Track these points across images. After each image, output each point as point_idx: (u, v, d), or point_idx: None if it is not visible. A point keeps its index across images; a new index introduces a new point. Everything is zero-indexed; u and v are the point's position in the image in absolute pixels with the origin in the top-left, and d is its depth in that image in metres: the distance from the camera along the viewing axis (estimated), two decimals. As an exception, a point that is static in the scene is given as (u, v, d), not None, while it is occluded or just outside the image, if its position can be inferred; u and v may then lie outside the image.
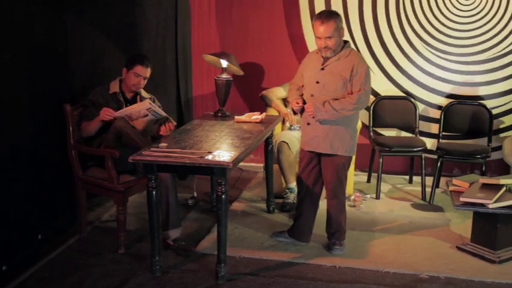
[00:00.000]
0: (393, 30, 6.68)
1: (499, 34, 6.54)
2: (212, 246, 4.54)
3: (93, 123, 4.66)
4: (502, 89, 6.63)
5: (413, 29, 6.65)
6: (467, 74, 6.66)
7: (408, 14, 6.63)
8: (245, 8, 6.91)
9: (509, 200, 4.53)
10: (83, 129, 4.72)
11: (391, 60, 6.76)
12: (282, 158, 5.64)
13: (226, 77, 5.44)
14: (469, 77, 6.66)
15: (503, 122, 6.69)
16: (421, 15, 6.62)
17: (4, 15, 4.07)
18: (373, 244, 4.91)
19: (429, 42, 6.65)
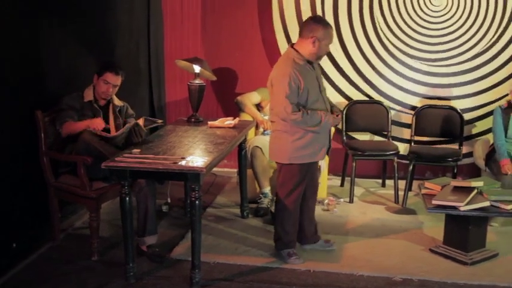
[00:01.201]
0: (368, 35, 6.74)
1: (469, 40, 6.64)
2: (186, 252, 4.53)
3: (80, 125, 4.60)
4: (473, 90, 6.72)
5: (385, 35, 6.71)
6: (439, 76, 6.75)
7: (380, 19, 6.69)
8: (217, 13, 6.91)
9: (481, 203, 4.59)
10: (65, 127, 4.63)
11: (366, 64, 6.81)
12: (256, 163, 5.65)
13: (199, 82, 5.44)
14: (441, 80, 6.74)
15: (474, 126, 6.77)
16: (391, 20, 6.68)
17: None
18: (347, 248, 4.94)
19: (401, 47, 6.72)
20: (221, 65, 6.91)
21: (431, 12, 6.64)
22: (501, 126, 5.61)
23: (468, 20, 6.60)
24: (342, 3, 6.72)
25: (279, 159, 4.57)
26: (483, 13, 6.56)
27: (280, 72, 4.38)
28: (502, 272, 4.54)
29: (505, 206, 4.58)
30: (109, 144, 4.60)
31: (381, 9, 6.69)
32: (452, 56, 6.68)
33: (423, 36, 6.68)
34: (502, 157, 5.52)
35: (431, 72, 6.74)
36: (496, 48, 6.61)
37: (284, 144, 4.48)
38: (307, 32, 4.38)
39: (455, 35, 6.63)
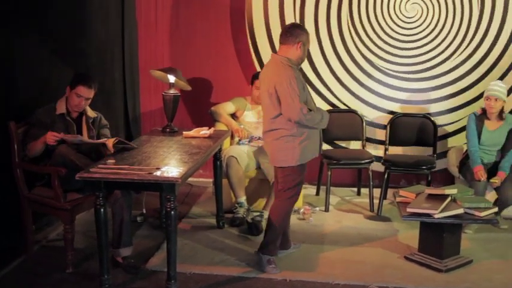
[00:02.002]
0: (347, 45, 6.76)
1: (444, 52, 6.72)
2: (162, 263, 4.50)
3: (39, 143, 4.57)
4: (447, 100, 6.80)
5: (359, 45, 6.76)
6: (414, 85, 6.82)
7: (357, 30, 6.74)
8: (192, 23, 6.91)
9: (455, 210, 4.63)
10: (29, 149, 4.62)
11: (345, 71, 6.85)
12: (231, 172, 5.65)
13: (173, 92, 5.43)
14: (416, 88, 6.81)
15: (449, 133, 6.84)
16: (370, 30, 6.73)
17: None
18: (323, 256, 4.95)
19: (374, 59, 6.78)
20: (196, 75, 6.91)
21: (404, 24, 6.71)
22: (475, 132, 5.67)
23: (437, 27, 6.68)
24: (309, 14, 6.76)
25: (287, 163, 4.61)
26: (457, 26, 6.64)
27: (284, 77, 4.46)
28: (476, 278, 4.58)
29: (478, 213, 4.64)
30: (85, 157, 4.58)
31: (360, 23, 6.74)
32: (425, 61, 6.75)
33: (396, 49, 6.75)
34: (476, 164, 5.57)
35: (405, 78, 6.80)
36: (465, 52, 6.68)
37: (292, 147, 4.56)
38: (293, 38, 4.54)
39: (427, 42, 6.70)
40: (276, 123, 4.56)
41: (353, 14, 6.72)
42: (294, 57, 4.56)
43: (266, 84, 4.56)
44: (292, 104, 4.42)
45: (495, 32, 6.60)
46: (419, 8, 6.67)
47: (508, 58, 6.62)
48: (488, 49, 6.64)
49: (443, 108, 6.80)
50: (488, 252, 5.12)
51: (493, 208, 4.77)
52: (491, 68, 6.65)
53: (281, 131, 4.55)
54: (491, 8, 6.56)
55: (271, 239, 4.70)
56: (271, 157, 4.74)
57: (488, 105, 5.63)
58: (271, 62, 4.69)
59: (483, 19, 6.60)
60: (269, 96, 4.51)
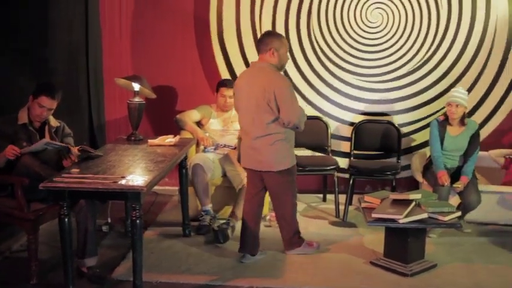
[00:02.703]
0: (305, 53, 6.82)
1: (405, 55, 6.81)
2: (128, 273, 4.47)
3: (1, 157, 4.51)
4: (410, 105, 6.88)
5: (323, 51, 6.81)
6: (377, 92, 6.88)
7: (318, 35, 6.79)
8: (156, 31, 6.89)
9: (419, 215, 4.68)
10: None
11: (304, 81, 6.89)
12: (197, 180, 5.63)
13: (138, 100, 5.41)
14: (378, 95, 6.88)
15: (413, 140, 6.92)
16: (329, 37, 6.79)
17: None
18: (289, 263, 4.96)
19: (339, 63, 6.83)
20: (161, 83, 6.88)
21: (368, 28, 6.78)
22: (437, 138, 5.74)
23: (403, 36, 6.77)
24: (280, 22, 6.80)
25: (285, 166, 4.86)
26: (417, 29, 6.73)
27: (281, 83, 4.71)
28: (441, 282, 4.63)
29: (442, 217, 4.70)
30: (50, 168, 4.53)
31: (321, 27, 6.80)
32: (389, 71, 6.83)
33: (360, 52, 6.81)
34: (439, 169, 5.64)
35: (369, 88, 6.87)
36: (430, 64, 6.78)
37: (287, 150, 4.86)
38: (263, 46, 4.76)
39: (391, 51, 6.78)
40: (271, 128, 4.72)
41: (311, 24, 6.78)
42: (273, 63, 4.75)
43: (260, 90, 4.66)
44: (292, 108, 4.68)
45: (461, 44, 6.73)
46: (383, 14, 6.74)
47: (476, 67, 6.76)
48: (455, 59, 6.76)
49: (405, 115, 6.91)
50: (452, 256, 5.19)
51: (456, 212, 4.83)
52: (460, 77, 6.77)
53: (276, 135, 4.75)
54: (447, 15, 6.68)
55: (290, 235, 5.11)
56: (264, 163, 4.84)
57: (450, 111, 5.70)
58: (254, 69, 4.86)
59: (440, 24, 6.72)
60: (267, 101, 4.63)
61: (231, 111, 6.10)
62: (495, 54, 6.73)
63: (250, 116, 4.78)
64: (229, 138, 6.06)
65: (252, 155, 4.88)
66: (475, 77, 6.76)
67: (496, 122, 6.88)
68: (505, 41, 6.69)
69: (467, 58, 6.75)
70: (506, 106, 6.84)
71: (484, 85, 6.80)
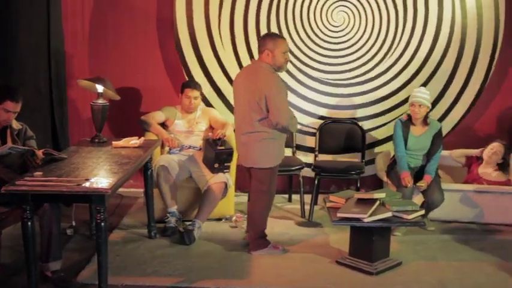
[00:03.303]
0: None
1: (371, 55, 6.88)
2: (93, 276, 4.42)
3: None
4: (374, 106, 6.97)
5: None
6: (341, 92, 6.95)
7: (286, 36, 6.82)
8: (119, 32, 6.84)
9: (383, 213, 4.73)
10: None
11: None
12: (162, 182, 5.60)
13: (102, 102, 5.36)
14: (343, 95, 6.95)
15: (376, 139, 6.99)
16: (296, 38, 6.82)
17: None
18: (255, 263, 4.96)
19: (302, 68, 6.87)
20: (125, 85, 6.83)
21: (331, 33, 6.83)
22: (401, 138, 5.80)
23: (363, 36, 6.85)
24: (238, 22, 6.81)
25: (268, 164, 5.04)
26: (383, 33, 6.83)
27: (273, 84, 4.86)
28: (406, 280, 4.68)
29: (406, 216, 4.74)
30: (12, 172, 4.46)
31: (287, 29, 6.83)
32: (354, 76, 6.92)
33: (324, 57, 6.87)
34: (403, 170, 5.70)
35: (334, 88, 6.93)
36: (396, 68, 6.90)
37: (272, 149, 5.01)
38: (260, 47, 4.97)
39: (356, 55, 6.87)
40: (258, 126, 4.91)
41: (280, 22, 6.81)
42: (270, 63, 4.93)
43: (252, 88, 4.88)
44: (282, 110, 4.83)
45: (417, 42, 6.83)
46: (346, 16, 6.80)
47: (431, 64, 6.86)
48: (411, 57, 6.88)
49: (369, 113, 7.00)
50: (417, 254, 5.25)
51: (420, 211, 4.89)
52: (415, 74, 6.88)
53: (262, 133, 4.92)
54: (413, 17, 6.77)
55: (257, 236, 5.15)
56: (249, 159, 5.07)
57: (413, 111, 5.77)
58: (251, 68, 5.10)
59: (406, 28, 6.82)
60: (257, 100, 4.83)
61: (195, 113, 6.08)
62: (459, 55, 6.86)
63: (242, 113, 5.01)
64: (194, 139, 6.04)
65: (241, 151, 5.15)
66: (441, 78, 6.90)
67: (456, 121, 6.99)
68: (474, 43, 6.82)
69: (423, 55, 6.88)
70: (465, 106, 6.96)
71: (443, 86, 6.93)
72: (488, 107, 7.00)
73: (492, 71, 6.87)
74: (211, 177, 5.62)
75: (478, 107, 6.97)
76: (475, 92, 6.92)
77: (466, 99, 6.94)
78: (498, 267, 4.99)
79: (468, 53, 6.85)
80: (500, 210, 6.02)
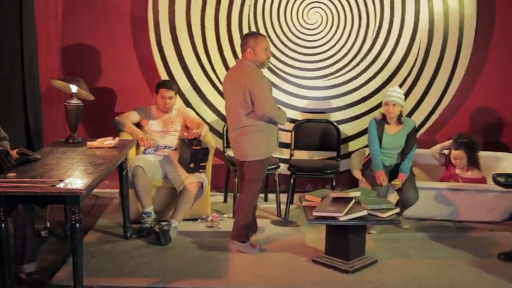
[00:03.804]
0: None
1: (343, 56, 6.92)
2: (68, 277, 4.39)
3: None
4: (348, 102, 7.03)
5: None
6: (317, 90, 6.98)
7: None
8: (93, 32, 6.79)
9: (359, 212, 4.75)
10: None
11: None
12: (137, 182, 5.58)
13: (76, 102, 5.32)
14: (319, 94, 6.98)
15: (351, 138, 7.03)
16: (274, 37, 6.84)
17: None
18: (232, 263, 4.96)
19: (278, 66, 6.88)
20: (99, 85, 6.80)
21: (306, 30, 6.86)
22: (376, 137, 5.84)
23: (335, 35, 6.90)
24: (209, 21, 6.83)
25: (256, 157, 5.19)
26: (355, 30, 6.88)
27: (257, 79, 5.06)
28: (382, 277, 4.71)
29: (381, 214, 4.78)
30: None
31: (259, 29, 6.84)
32: (329, 74, 6.96)
33: (299, 54, 6.89)
34: (377, 169, 5.74)
35: (310, 87, 6.97)
36: (368, 60, 6.97)
37: (260, 142, 5.17)
38: (242, 46, 5.18)
39: (330, 53, 6.90)
40: (246, 121, 5.09)
41: (258, 21, 6.83)
42: (252, 60, 5.13)
43: (237, 85, 5.08)
44: (266, 102, 5.00)
45: (393, 43, 6.92)
46: (320, 16, 6.83)
47: (407, 66, 6.94)
48: (388, 58, 6.98)
49: (344, 113, 7.06)
50: (392, 251, 5.29)
51: (395, 209, 4.92)
52: (392, 75, 6.96)
53: (250, 127, 5.10)
54: (389, 18, 6.84)
55: (241, 226, 5.25)
56: (239, 152, 5.26)
57: (387, 110, 5.81)
58: (236, 66, 5.29)
59: (382, 29, 6.89)
60: (242, 95, 5.04)
61: (170, 112, 6.06)
62: (429, 51, 6.94)
63: (231, 109, 5.21)
64: (170, 139, 6.03)
65: (233, 146, 5.33)
66: (414, 76, 6.99)
67: (431, 120, 7.07)
68: (441, 39, 6.92)
69: (400, 56, 6.97)
70: (439, 104, 7.04)
71: (421, 83, 7.02)
72: (461, 106, 7.08)
73: (465, 71, 6.98)
74: (187, 177, 5.61)
75: (451, 105, 7.05)
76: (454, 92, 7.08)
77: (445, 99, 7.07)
78: (472, 264, 5.05)
79: (450, 54, 6.98)
80: (474, 207, 6.09)
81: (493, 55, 7.00)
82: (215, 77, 6.90)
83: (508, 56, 7.01)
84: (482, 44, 6.97)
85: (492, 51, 6.99)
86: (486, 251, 5.36)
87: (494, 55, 7.00)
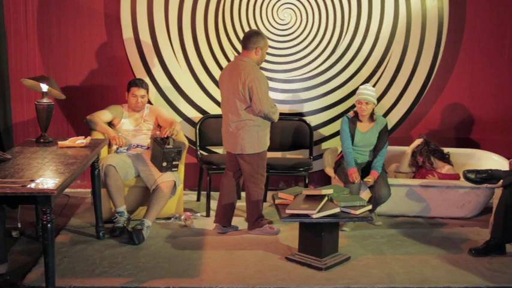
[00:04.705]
0: (213, 51, 6.86)
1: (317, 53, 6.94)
2: (40, 278, 4.36)
3: None
4: (321, 105, 7.03)
5: (235, 49, 6.85)
6: (289, 92, 6.99)
7: (231, 33, 6.85)
8: (64, 30, 6.74)
9: (332, 209, 4.77)
10: None
11: (210, 79, 6.93)
12: (110, 182, 5.54)
13: (47, 101, 5.26)
14: (291, 95, 6.98)
15: (323, 136, 7.07)
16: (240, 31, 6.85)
17: None
18: (205, 262, 4.95)
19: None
20: (70, 84, 6.75)
21: (278, 27, 6.88)
22: (348, 134, 5.87)
23: (312, 35, 6.93)
24: (186, 17, 6.82)
25: (254, 150, 5.46)
26: (330, 30, 6.91)
27: (255, 76, 5.29)
28: (355, 274, 4.74)
29: (354, 211, 4.81)
30: None
31: (232, 25, 6.85)
32: (303, 73, 6.98)
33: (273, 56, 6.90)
34: (350, 166, 5.77)
35: (282, 83, 6.99)
36: (341, 63, 7.01)
37: (257, 136, 5.43)
38: (251, 44, 5.40)
39: (304, 53, 6.92)
40: (244, 115, 5.36)
41: (234, 18, 6.83)
42: (254, 60, 5.41)
43: (236, 80, 5.31)
44: (263, 99, 5.26)
45: (361, 38, 6.96)
46: (292, 13, 6.85)
47: (374, 60, 7.01)
48: (355, 53, 7.02)
49: (319, 115, 7.10)
50: (365, 248, 5.32)
51: (367, 206, 4.96)
52: (359, 69, 7.01)
53: (248, 121, 5.37)
54: (357, 15, 6.87)
55: (255, 217, 5.62)
56: (235, 146, 5.47)
57: (360, 108, 5.84)
58: (237, 62, 5.45)
59: (350, 26, 6.94)
60: (241, 90, 5.29)
61: (142, 111, 6.04)
62: (402, 52, 7.00)
63: (229, 103, 5.43)
64: (142, 138, 6.00)
65: (228, 139, 5.53)
66: (380, 74, 7.03)
67: (403, 118, 7.13)
68: (418, 38, 6.99)
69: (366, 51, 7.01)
70: (411, 102, 7.11)
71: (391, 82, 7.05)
72: (434, 103, 7.15)
73: (437, 66, 7.05)
74: (160, 176, 5.59)
75: (424, 102, 7.12)
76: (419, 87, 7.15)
77: (411, 94, 7.15)
78: (444, 259, 5.10)
79: (412, 50, 7.05)
80: (445, 204, 6.15)
81: (464, 53, 7.08)
82: (193, 73, 6.91)
83: (477, 54, 7.09)
84: (453, 42, 7.04)
85: (463, 49, 7.07)
86: (457, 247, 5.42)
87: (465, 53, 7.08)
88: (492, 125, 7.22)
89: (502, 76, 7.16)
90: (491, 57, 7.13)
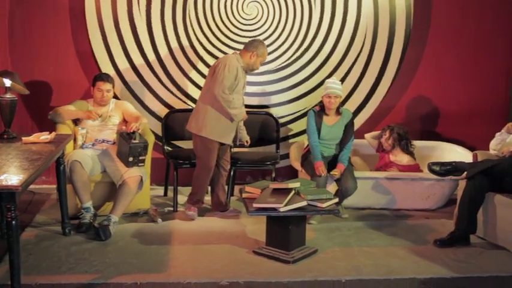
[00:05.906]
0: (181, 44, 6.84)
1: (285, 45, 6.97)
2: (5, 276, 4.29)
3: None
4: (288, 97, 7.05)
5: (202, 43, 6.84)
6: (256, 85, 6.99)
7: (196, 27, 6.84)
8: (28, 24, 6.65)
9: (299, 202, 4.80)
10: None
11: (182, 73, 6.90)
12: (75, 177, 5.49)
13: (10, 96, 5.19)
14: (259, 88, 6.99)
15: (290, 130, 7.09)
16: (206, 28, 6.85)
17: None
18: (173, 257, 4.94)
19: (216, 54, 6.87)
20: (34, 78, 6.66)
21: (244, 21, 6.89)
22: (315, 128, 5.90)
23: (281, 29, 6.95)
24: (155, 10, 6.81)
25: (194, 130, 5.74)
26: (297, 24, 6.96)
27: (228, 62, 5.54)
28: (322, 267, 4.77)
29: (321, 204, 4.83)
30: None
31: (196, 17, 6.85)
32: (272, 67, 6.98)
33: (237, 44, 6.90)
34: (317, 159, 5.80)
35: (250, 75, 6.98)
36: (305, 57, 7.03)
37: (202, 118, 5.66)
38: (251, 47, 5.70)
39: (267, 43, 6.90)
40: (207, 98, 5.64)
41: (198, 13, 6.81)
42: (244, 60, 5.69)
43: (215, 65, 5.63)
44: (219, 83, 5.47)
45: (324, 32, 7.01)
46: (259, 7, 6.86)
47: (338, 55, 7.07)
48: (319, 48, 7.08)
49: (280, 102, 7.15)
50: (332, 241, 5.36)
51: (334, 199, 4.99)
52: (323, 64, 7.05)
53: (206, 106, 5.64)
54: (320, 10, 6.93)
55: (194, 191, 5.89)
56: (192, 123, 5.78)
57: (328, 102, 5.86)
58: (228, 55, 5.81)
59: (323, 22, 7.01)
60: (211, 74, 5.63)
61: (108, 106, 5.99)
62: (367, 45, 7.06)
63: (206, 86, 5.74)
64: (108, 133, 5.95)
65: (192, 118, 5.82)
66: (348, 68, 7.07)
67: (369, 111, 7.19)
68: (387, 32, 7.05)
69: (342, 49, 7.04)
70: (378, 95, 7.17)
71: (356, 76, 7.12)
72: (401, 96, 7.23)
73: (405, 59, 7.13)
74: (126, 171, 5.55)
75: (390, 96, 7.19)
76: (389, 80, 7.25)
77: (381, 90, 7.19)
78: (410, 251, 5.16)
79: (381, 44, 7.13)
80: (410, 195, 6.23)
81: (430, 47, 7.17)
82: (160, 67, 6.89)
83: (443, 48, 7.17)
84: (419, 36, 7.11)
85: (429, 43, 7.16)
86: (423, 238, 5.49)
87: (431, 47, 7.16)
88: (456, 118, 7.32)
89: (465, 70, 7.26)
90: (456, 52, 7.22)
